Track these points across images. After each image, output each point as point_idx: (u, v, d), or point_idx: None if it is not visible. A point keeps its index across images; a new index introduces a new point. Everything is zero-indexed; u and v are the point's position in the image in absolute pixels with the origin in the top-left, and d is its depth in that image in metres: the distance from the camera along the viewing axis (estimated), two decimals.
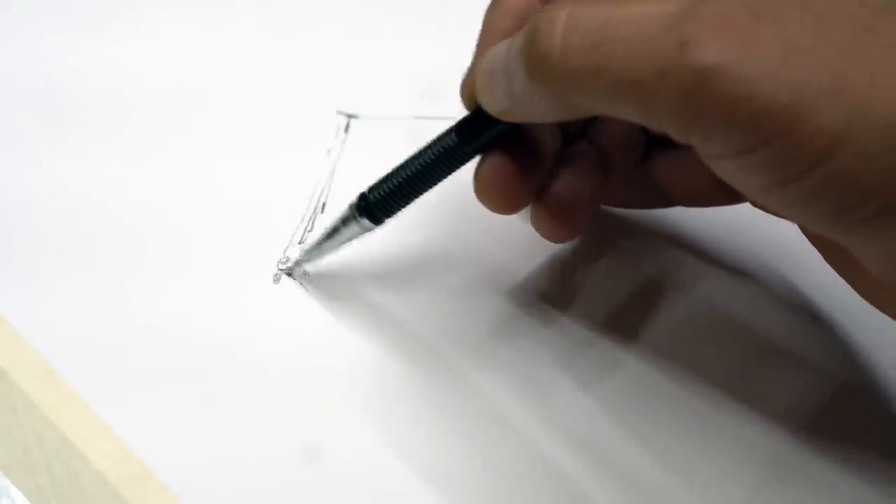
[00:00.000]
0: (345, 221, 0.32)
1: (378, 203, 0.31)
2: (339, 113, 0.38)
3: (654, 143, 0.33)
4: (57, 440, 0.29)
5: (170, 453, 0.29)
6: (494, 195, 0.30)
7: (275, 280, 0.33)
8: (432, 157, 0.30)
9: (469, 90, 0.30)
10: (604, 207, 0.36)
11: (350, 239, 0.32)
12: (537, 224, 0.31)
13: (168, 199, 0.34)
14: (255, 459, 0.29)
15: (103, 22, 0.39)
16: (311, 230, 0.34)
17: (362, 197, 0.31)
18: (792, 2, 0.23)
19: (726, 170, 0.24)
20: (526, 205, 0.31)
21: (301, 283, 0.33)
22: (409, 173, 0.31)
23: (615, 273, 0.35)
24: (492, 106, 0.28)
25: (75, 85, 0.37)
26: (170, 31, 0.39)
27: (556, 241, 0.32)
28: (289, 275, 0.33)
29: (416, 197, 0.31)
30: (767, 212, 0.28)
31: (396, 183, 0.31)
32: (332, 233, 0.32)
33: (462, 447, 0.30)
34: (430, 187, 0.31)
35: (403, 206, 0.31)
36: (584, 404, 0.32)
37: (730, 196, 0.31)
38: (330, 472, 0.30)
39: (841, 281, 0.29)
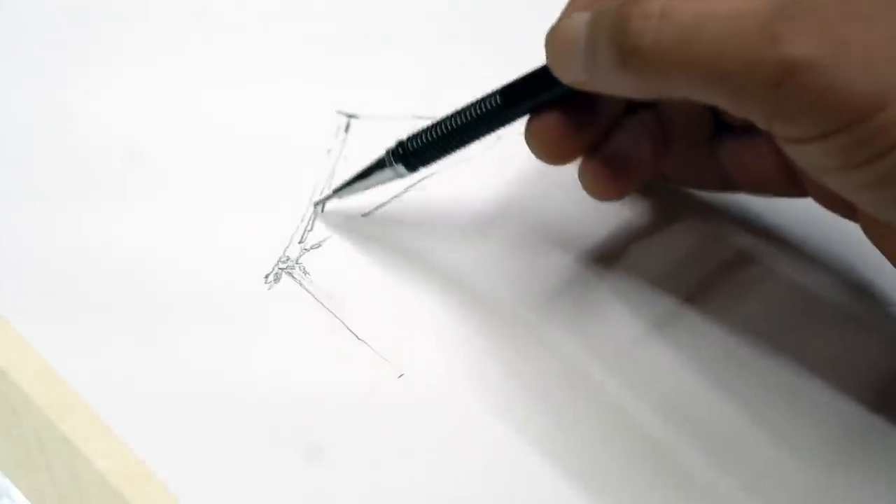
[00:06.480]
0: (379, 164, 0.33)
1: (416, 152, 0.32)
2: (339, 113, 0.38)
3: (722, 126, 0.34)
4: (57, 440, 0.29)
5: (170, 453, 0.29)
6: (544, 145, 0.31)
7: (275, 279, 0.33)
8: (474, 115, 0.31)
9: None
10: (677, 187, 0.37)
11: (380, 182, 0.33)
12: (583, 178, 0.32)
13: (167, 197, 0.34)
14: (255, 459, 0.29)
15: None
16: (311, 230, 0.34)
17: (400, 144, 0.32)
18: (881, 4, 0.24)
19: (804, 153, 0.25)
20: (576, 157, 0.31)
21: (301, 283, 0.33)
22: (450, 127, 0.31)
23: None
24: (567, 76, 0.29)
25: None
26: (167, 33, 0.39)
27: (597, 196, 0.32)
28: (289, 274, 0.33)
29: (454, 151, 0.32)
30: (833, 209, 0.30)
31: (436, 135, 0.32)
32: (365, 174, 0.33)
33: (462, 447, 0.30)
34: (469, 143, 0.32)
35: (439, 158, 0.32)
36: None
37: (793, 187, 0.32)
38: (330, 472, 0.30)
39: None
